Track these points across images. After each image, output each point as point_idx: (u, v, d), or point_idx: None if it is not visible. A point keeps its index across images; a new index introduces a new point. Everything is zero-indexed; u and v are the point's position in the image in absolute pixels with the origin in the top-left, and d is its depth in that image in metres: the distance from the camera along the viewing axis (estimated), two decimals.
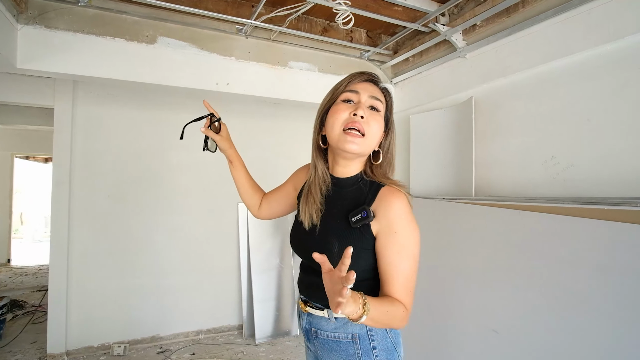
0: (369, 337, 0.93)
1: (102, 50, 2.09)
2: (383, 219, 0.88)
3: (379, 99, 0.95)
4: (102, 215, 3.00)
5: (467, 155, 2.29)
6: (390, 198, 0.89)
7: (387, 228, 0.87)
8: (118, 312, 3.03)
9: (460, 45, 2.36)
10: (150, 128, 3.15)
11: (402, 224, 0.87)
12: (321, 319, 0.97)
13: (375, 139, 0.94)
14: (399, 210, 0.87)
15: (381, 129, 0.96)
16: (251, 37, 2.51)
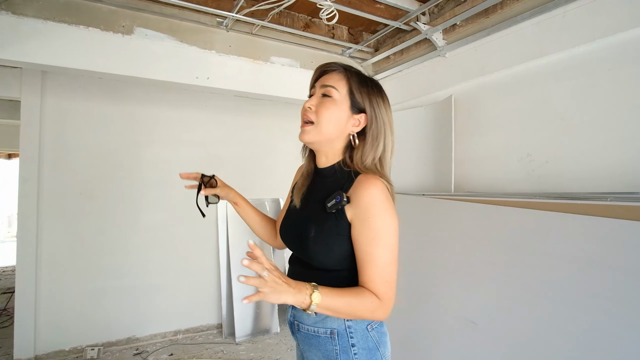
0: (347, 334, 0.92)
1: (75, 40, 2.00)
2: (358, 205, 0.86)
3: (329, 85, 0.94)
4: (74, 213, 2.87)
5: (446, 152, 2.35)
6: (366, 184, 0.87)
7: (362, 214, 0.85)
8: (91, 314, 2.91)
9: (440, 45, 2.40)
10: (125, 122, 3.04)
11: (376, 211, 0.84)
12: (302, 312, 0.95)
13: (329, 124, 0.93)
14: (373, 196, 0.85)
15: (338, 113, 0.93)
16: (232, 31, 2.46)
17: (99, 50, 2.06)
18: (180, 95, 3.18)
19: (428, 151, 2.54)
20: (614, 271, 1.41)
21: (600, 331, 1.42)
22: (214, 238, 3.39)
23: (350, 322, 0.92)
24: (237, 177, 3.49)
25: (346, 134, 0.96)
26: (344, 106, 0.93)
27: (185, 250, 3.28)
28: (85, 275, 2.91)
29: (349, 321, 0.92)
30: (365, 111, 0.95)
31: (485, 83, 2.21)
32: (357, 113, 0.95)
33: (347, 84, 0.94)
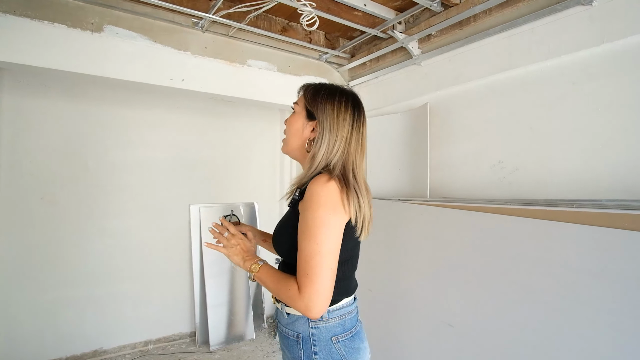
0: (311, 341, 0.94)
1: (38, 36, 1.87)
2: (303, 200, 0.91)
3: (294, 102, 1.08)
4: (34, 219, 2.69)
5: (422, 158, 2.41)
6: (314, 181, 0.90)
7: (302, 206, 0.90)
8: (53, 326, 2.74)
9: (416, 53, 2.46)
10: (90, 124, 2.88)
11: (310, 204, 0.87)
12: (280, 312, 1.03)
13: (291, 135, 1.05)
14: (312, 192, 0.88)
15: (295, 123, 1.04)
16: (208, 32, 2.40)
17: (66, 47, 1.95)
18: (150, 95, 3.06)
19: (404, 157, 2.59)
20: (580, 273, 1.50)
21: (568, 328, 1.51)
22: (186, 243, 3.29)
23: (314, 330, 0.94)
24: (210, 181, 3.41)
25: (306, 141, 1.03)
26: (300, 116, 1.04)
27: (155, 256, 3.16)
28: (47, 285, 2.73)
29: (313, 328, 0.95)
30: (316, 117, 1.00)
31: (459, 92, 2.29)
32: (311, 120, 1.02)
33: (303, 97, 1.05)
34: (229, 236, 1.07)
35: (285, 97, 2.73)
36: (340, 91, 1.03)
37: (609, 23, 1.62)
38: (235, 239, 1.07)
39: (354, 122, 1.01)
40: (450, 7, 2.18)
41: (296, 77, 2.79)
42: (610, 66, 1.65)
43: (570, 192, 1.75)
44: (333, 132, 0.97)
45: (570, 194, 1.74)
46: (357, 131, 1.01)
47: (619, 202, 1.49)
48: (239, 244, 1.06)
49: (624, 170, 1.59)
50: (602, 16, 1.65)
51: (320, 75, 2.94)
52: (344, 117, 0.99)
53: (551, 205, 1.69)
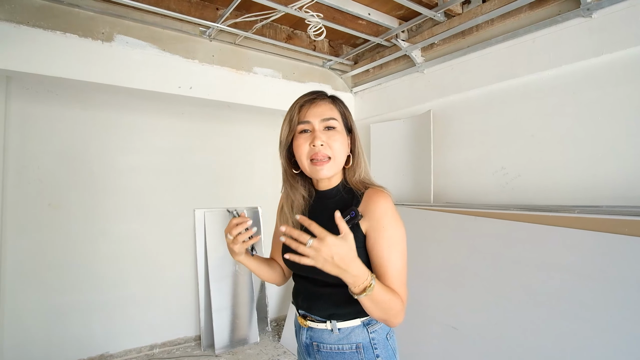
0: (372, 346, 0.96)
1: (51, 46, 1.91)
2: (372, 217, 0.90)
3: (330, 117, 0.96)
4: (41, 224, 2.71)
5: (425, 164, 2.46)
6: (376, 198, 0.92)
7: (376, 224, 0.90)
8: (61, 330, 2.75)
9: (419, 61, 2.52)
10: (96, 130, 2.91)
11: (389, 220, 0.90)
12: (323, 331, 0.97)
13: (341, 154, 0.96)
14: (385, 208, 0.90)
15: (344, 141, 0.97)
16: (215, 41, 2.45)
17: (77, 57, 1.98)
18: (156, 101, 3.09)
19: (407, 162, 2.64)
20: (582, 278, 1.55)
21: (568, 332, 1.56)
22: (191, 246, 3.32)
23: (373, 334, 0.96)
24: (214, 186, 3.45)
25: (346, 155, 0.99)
26: (343, 133, 0.98)
27: (160, 260, 3.18)
28: (54, 290, 2.75)
29: (373, 333, 0.96)
30: (352, 130, 1.01)
31: (461, 99, 2.34)
32: (348, 135, 1.00)
33: (338, 111, 0.99)
34: (315, 245, 0.74)
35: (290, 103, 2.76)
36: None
37: (608, 35, 1.68)
38: (325, 245, 0.74)
39: None
40: (453, 16, 2.24)
41: (300, 83, 2.83)
42: (609, 76, 1.71)
43: (572, 198, 1.80)
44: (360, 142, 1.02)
45: (571, 200, 1.80)
46: None
47: (620, 209, 1.54)
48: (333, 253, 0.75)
49: (624, 177, 1.64)
50: (601, 28, 1.71)
51: (324, 82, 2.98)
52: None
53: (553, 210, 1.74)
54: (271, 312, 3.64)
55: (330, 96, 1.01)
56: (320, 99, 0.99)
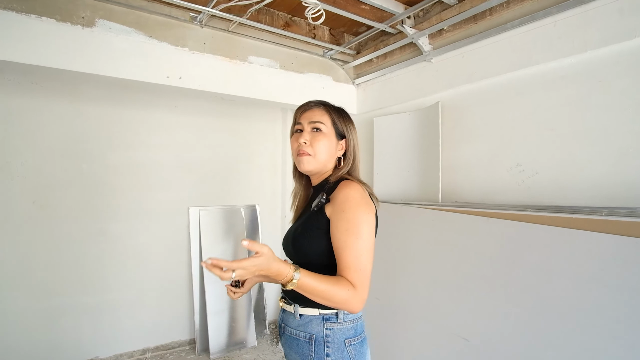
0: (324, 342, 0.98)
1: (24, 31, 1.75)
2: (335, 202, 0.98)
3: (317, 121, 1.09)
4: (25, 224, 2.56)
5: (433, 160, 2.28)
6: (344, 185, 1.01)
7: (338, 207, 0.97)
8: (49, 334, 2.62)
9: (426, 49, 2.34)
10: (84, 124, 2.75)
11: (350, 204, 0.95)
12: (289, 315, 1.05)
13: (323, 154, 1.08)
14: (349, 194, 0.98)
15: (327, 143, 1.09)
16: (207, 27, 2.28)
17: (55, 43, 1.82)
18: (148, 95, 2.93)
19: (413, 158, 2.47)
20: (611, 289, 1.38)
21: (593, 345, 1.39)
22: (185, 247, 3.17)
23: (328, 331, 0.99)
24: (210, 183, 3.29)
25: (335, 157, 1.13)
26: (331, 136, 1.11)
27: (153, 261, 3.04)
28: (40, 292, 2.62)
29: (328, 329, 0.99)
30: (346, 137, 1.14)
31: (473, 90, 2.16)
32: (341, 139, 1.13)
33: (329, 117, 1.11)
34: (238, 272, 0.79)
35: (288, 95, 2.60)
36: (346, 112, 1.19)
37: None
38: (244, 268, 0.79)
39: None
40: (463, 0, 2.05)
41: (299, 74, 2.66)
42: None
43: (597, 198, 1.63)
44: (356, 148, 1.15)
45: (596, 201, 1.62)
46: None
47: None
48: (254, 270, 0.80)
49: None
50: (633, 9, 1.53)
51: (325, 72, 2.81)
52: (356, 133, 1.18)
53: (576, 212, 1.57)
54: (269, 314, 3.49)
55: (327, 105, 1.14)
56: (315, 106, 1.13)
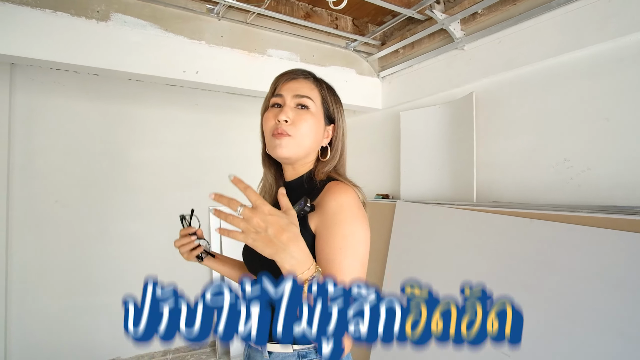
0: None
1: (38, 26, 1.71)
2: (324, 211, 0.74)
3: (305, 96, 0.84)
4: (47, 223, 2.57)
5: (466, 156, 2.10)
6: (334, 190, 0.77)
7: (329, 220, 0.73)
8: (69, 333, 2.62)
9: (458, 36, 2.15)
10: (103, 122, 2.74)
11: (345, 216, 0.73)
12: (255, 351, 0.84)
13: (307, 138, 0.83)
14: (342, 201, 0.74)
15: (315, 126, 0.84)
16: (224, 19, 2.19)
17: (69, 38, 1.77)
18: (166, 91, 2.88)
19: (443, 155, 2.29)
20: None
21: None
22: None
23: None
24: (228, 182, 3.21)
25: (319, 146, 0.88)
26: (319, 118, 0.86)
27: (172, 260, 2.97)
28: (62, 291, 2.62)
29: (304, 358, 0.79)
30: (335, 122, 0.90)
31: (511, 79, 1.96)
32: (329, 124, 0.89)
33: (319, 94, 0.87)
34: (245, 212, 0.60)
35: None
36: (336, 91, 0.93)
37: None
38: (258, 212, 0.59)
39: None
40: None
41: (321, 67, 2.54)
42: None
43: None
44: (345, 138, 0.92)
45: None
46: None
47: None
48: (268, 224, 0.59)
49: None
50: None
51: (348, 65, 2.67)
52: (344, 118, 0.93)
53: (636, 213, 1.36)
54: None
55: (317, 78, 0.89)
56: (302, 76, 0.87)
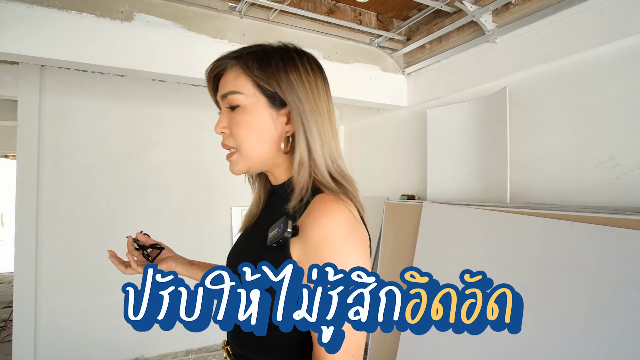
0: None
1: (65, 28, 1.73)
2: (307, 242, 0.57)
3: (228, 92, 0.65)
4: (74, 222, 2.62)
5: (499, 154, 1.98)
6: (316, 212, 0.58)
7: (314, 253, 0.56)
8: (94, 331, 2.67)
9: (489, 28, 2.04)
10: (127, 122, 2.78)
11: (332, 250, 0.55)
12: None
13: (249, 143, 0.66)
14: (328, 231, 0.56)
15: (253, 123, 0.65)
16: (246, 17, 2.16)
17: (94, 39, 1.79)
18: (189, 91, 2.90)
19: (473, 153, 2.18)
20: None
21: None
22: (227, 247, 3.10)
23: None
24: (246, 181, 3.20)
25: (279, 142, 0.67)
26: (260, 108, 0.65)
27: None
28: (88, 289, 2.67)
29: None
30: (287, 99, 0.64)
31: (549, 72, 1.84)
32: (282, 107, 0.65)
33: (248, 76, 0.64)
34: None
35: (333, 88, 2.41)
36: (294, 49, 0.69)
37: None
38: None
39: (327, 92, 0.70)
40: None
41: (344, 64, 2.47)
42: None
43: None
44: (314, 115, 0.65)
45: None
46: (330, 103, 0.70)
47: None
48: None
49: None
50: None
51: (372, 62, 2.59)
52: (318, 89, 0.67)
53: None
54: None
55: (238, 56, 0.66)
56: (226, 64, 0.67)
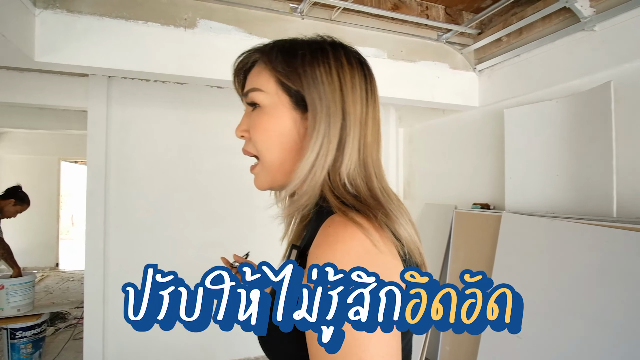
0: None
1: (132, 38, 1.73)
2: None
3: (250, 90, 0.57)
4: (139, 228, 2.68)
5: (601, 160, 1.70)
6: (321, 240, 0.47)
7: None
8: (159, 337, 2.70)
9: (586, 14, 1.77)
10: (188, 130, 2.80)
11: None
12: None
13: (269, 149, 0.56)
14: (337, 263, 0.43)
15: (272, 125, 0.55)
16: (308, 18, 2.06)
17: (160, 48, 1.78)
18: None
19: (564, 158, 1.90)
20: None
21: None
22: None
23: None
24: None
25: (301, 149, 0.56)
26: (281, 110, 0.55)
27: None
28: None
29: None
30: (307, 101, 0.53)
31: None
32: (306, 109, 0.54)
33: (271, 72, 0.55)
34: None
35: (398, 88, 2.27)
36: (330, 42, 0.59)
37: None
38: None
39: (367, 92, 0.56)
40: None
41: (410, 63, 2.30)
42: None
43: None
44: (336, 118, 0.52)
45: None
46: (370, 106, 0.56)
47: None
48: None
49: None
50: None
51: (439, 59, 2.39)
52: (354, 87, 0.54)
53: None
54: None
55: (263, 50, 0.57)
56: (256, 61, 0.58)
